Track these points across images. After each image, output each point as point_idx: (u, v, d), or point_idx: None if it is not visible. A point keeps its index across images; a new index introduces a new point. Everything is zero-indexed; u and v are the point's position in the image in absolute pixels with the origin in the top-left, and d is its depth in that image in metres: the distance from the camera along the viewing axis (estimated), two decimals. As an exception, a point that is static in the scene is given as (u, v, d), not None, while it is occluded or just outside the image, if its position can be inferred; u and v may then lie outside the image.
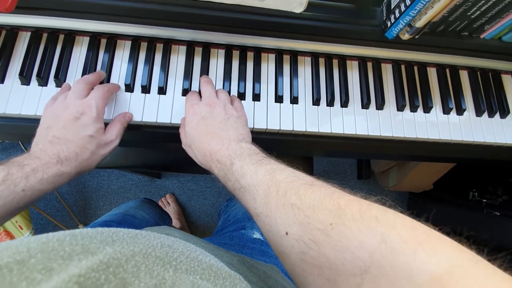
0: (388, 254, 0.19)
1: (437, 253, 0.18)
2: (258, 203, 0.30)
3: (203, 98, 0.44)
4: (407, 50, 0.53)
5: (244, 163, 0.34)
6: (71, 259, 0.16)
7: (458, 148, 0.55)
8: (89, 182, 1.25)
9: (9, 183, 0.33)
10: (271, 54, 0.53)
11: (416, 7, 0.40)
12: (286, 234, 0.25)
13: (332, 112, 0.52)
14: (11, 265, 0.14)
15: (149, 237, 0.21)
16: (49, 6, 0.45)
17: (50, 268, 0.15)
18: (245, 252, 0.48)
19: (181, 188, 1.29)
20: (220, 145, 0.38)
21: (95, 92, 0.42)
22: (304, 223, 0.24)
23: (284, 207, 0.26)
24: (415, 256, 0.18)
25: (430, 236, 0.20)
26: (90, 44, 0.49)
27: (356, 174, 1.38)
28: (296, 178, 0.29)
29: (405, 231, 0.20)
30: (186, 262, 0.20)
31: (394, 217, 0.22)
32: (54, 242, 0.17)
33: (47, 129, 0.39)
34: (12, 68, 0.47)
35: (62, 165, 0.37)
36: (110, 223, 0.55)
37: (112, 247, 0.18)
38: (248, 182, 0.32)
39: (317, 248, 0.22)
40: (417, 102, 0.53)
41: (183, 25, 0.49)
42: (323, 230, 0.23)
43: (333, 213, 0.23)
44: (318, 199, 0.25)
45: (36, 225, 1.19)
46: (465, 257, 0.18)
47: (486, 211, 0.96)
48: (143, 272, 0.17)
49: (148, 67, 0.49)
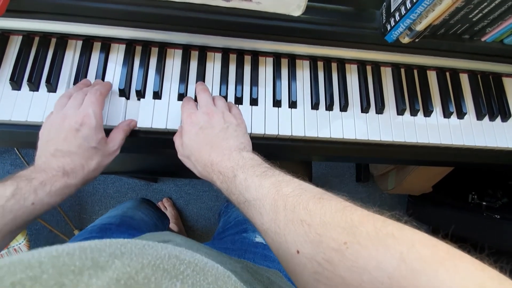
0: (409, 274, 0.18)
1: (459, 272, 0.18)
2: (265, 218, 0.28)
3: (200, 107, 0.43)
4: (407, 53, 0.52)
5: (247, 175, 0.33)
6: (82, 274, 0.16)
7: (459, 152, 0.54)
8: (84, 186, 1.23)
9: (18, 197, 0.33)
10: (269, 57, 0.52)
11: (417, 10, 0.40)
12: (297, 253, 0.24)
13: (331, 116, 0.51)
14: (24, 282, 0.15)
15: (156, 247, 0.21)
16: (41, 9, 0.44)
17: (61, 283, 0.15)
18: (247, 257, 0.47)
19: (178, 192, 1.27)
20: (221, 156, 0.37)
21: (89, 99, 0.40)
22: (316, 242, 0.23)
23: (294, 224, 0.25)
24: (437, 276, 0.18)
25: (451, 254, 0.19)
26: (83, 48, 0.48)
27: (354, 177, 1.37)
28: (304, 191, 0.28)
29: (425, 249, 0.19)
30: (192, 275, 0.19)
31: (411, 234, 0.21)
32: (64, 256, 0.17)
33: (48, 142, 0.38)
34: (3, 73, 0.46)
35: (69, 177, 0.37)
36: (109, 226, 0.54)
37: (121, 260, 0.18)
38: (253, 196, 0.31)
39: (332, 269, 0.22)
40: (417, 106, 0.52)
41: (179, 29, 0.47)
42: (337, 249, 0.22)
43: (346, 231, 0.22)
44: (329, 215, 0.24)
45: (30, 231, 1.17)
46: (489, 276, 0.18)
47: (486, 214, 0.96)
48: (153, 284, 0.17)
49: (143, 71, 0.48)
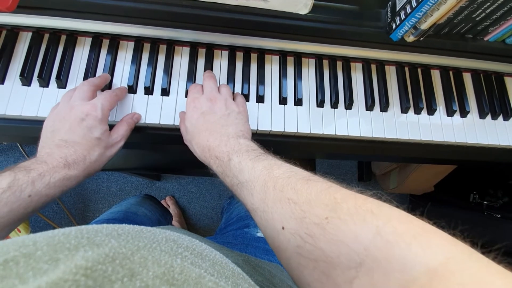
0: (383, 246, 0.19)
1: (431, 246, 0.19)
2: (255, 198, 0.30)
3: (205, 93, 0.44)
4: (411, 52, 0.53)
5: (241, 159, 0.34)
6: (77, 250, 0.16)
7: (462, 150, 0.55)
8: (88, 184, 1.24)
9: (15, 189, 0.32)
10: (275, 55, 0.53)
11: (422, 9, 0.40)
12: (282, 229, 0.25)
13: (337, 114, 0.51)
14: (17, 259, 0.15)
15: (154, 231, 0.21)
16: (51, 5, 0.45)
17: (56, 258, 0.15)
18: (249, 251, 0.47)
19: (181, 191, 1.28)
20: (219, 141, 0.38)
21: (102, 95, 0.41)
22: (300, 218, 0.24)
23: (281, 202, 0.27)
24: (410, 249, 0.19)
25: (425, 229, 0.20)
26: (92, 45, 0.49)
27: (356, 176, 1.38)
28: (293, 174, 0.29)
29: (400, 224, 0.20)
30: (191, 257, 0.20)
31: (389, 211, 0.22)
32: (60, 236, 0.17)
33: (53, 132, 0.38)
34: (13, 68, 0.47)
35: (70, 168, 0.36)
36: (112, 221, 0.55)
37: (117, 240, 0.18)
38: (246, 178, 0.32)
39: (313, 242, 0.23)
40: (421, 104, 0.53)
41: (186, 26, 0.48)
42: (319, 224, 0.23)
43: (329, 208, 0.23)
44: (314, 194, 0.25)
45: (34, 228, 1.17)
46: (460, 250, 0.18)
47: (487, 213, 0.96)
48: (151, 262, 0.17)
49: (151, 68, 0.48)
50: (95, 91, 0.42)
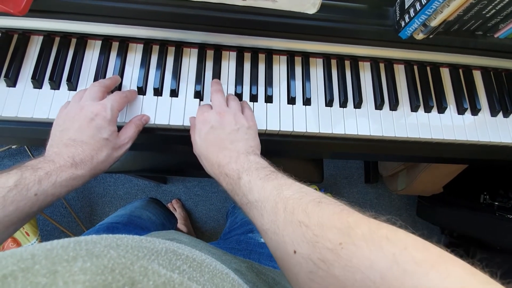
0: (400, 275, 0.19)
1: (450, 275, 0.18)
2: (266, 219, 0.29)
3: (214, 107, 0.43)
4: (420, 50, 0.53)
5: (251, 178, 0.34)
6: (75, 261, 0.16)
7: (473, 149, 0.54)
8: (95, 188, 1.25)
9: (21, 187, 0.32)
10: (283, 55, 0.53)
11: (432, 6, 0.40)
12: (294, 253, 0.25)
13: (346, 113, 0.51)
14: (16, 273, 0.15)
15: (153, 242, 0.21)
16: (61, 9, 0.46)
17: (54, 271, 0.15)
18: (253, 257, 0.47)
19: (187, 194, 1.28)
20: (229, 158, 0.38)
21: (112, 95, 0.41)
22: (312, 242, 0.24)
23: (292, 225, 0.26)
24: (427, 279, 0.18)
25: (443, 258, 0.20)
26: (102, 48, 0.49)
27: (363, 178, 1.37)
28: (304, 195, 0.29)
29: (417, 252, 0.20)
30: (189, 271, 0.20)
31: (405, 237, 0.21)
32: (58, 248, 0.17)
33: (62, 131, 0.39)
34: (24, 72, 0.47)
35: (77, 168, 0.36)
36: (116, 225, 0.55)
37: (116, 251, 0.18)
38: (255, 198, 0.32)
39: (327, 268, 0.22)
40: (431, 103, 0.53)
41: (194, 27, 0.48)
42: (332, 249, 0.22)
43: (342, 232, 0.23)
44: (326, 217, 0.25)
45: (42, 232, 1.18)
46: (479, 280, 0.18)
47: (498, 214, 0.94)
48: (151, 272, 0.17)
49: (160, 69, 0.49)
50: (105, 92, 0.42)
